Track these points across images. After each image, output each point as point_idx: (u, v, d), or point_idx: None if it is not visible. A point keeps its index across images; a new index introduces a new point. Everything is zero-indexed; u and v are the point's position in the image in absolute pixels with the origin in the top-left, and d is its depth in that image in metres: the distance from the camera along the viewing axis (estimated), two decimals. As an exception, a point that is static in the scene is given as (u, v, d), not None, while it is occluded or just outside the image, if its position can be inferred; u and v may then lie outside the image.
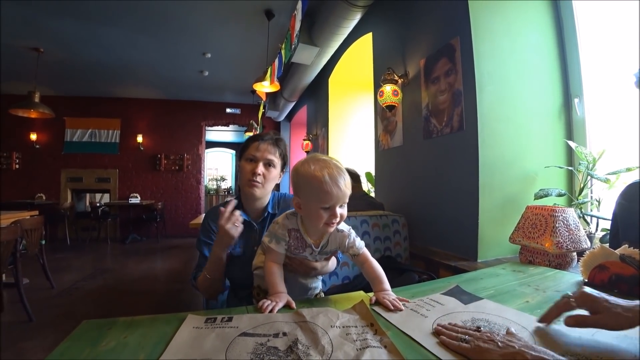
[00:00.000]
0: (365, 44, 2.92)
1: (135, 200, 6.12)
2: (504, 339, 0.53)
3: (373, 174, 2.78)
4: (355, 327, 0.63)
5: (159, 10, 3.23)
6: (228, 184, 11.01)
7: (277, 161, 1.06)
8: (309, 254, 0.85)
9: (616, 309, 0.54)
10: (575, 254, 1.18)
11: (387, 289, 0.79)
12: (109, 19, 3.41)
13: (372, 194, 2.81)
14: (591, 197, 1.52)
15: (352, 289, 0.91)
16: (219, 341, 0.58)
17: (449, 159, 1.71)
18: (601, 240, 1.34)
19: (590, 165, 1.43)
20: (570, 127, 1.65)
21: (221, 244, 0.94)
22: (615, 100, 1.52)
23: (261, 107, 5.24)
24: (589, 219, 1.47)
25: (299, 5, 2.33)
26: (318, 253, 0.85)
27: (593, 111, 1.59)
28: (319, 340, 0.57)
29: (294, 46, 2.62)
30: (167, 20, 3.43)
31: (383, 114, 2.40)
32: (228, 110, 6.82)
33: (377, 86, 2.31)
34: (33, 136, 5.92)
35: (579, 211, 1.48)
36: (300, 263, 0.86)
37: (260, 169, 1.02)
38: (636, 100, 1.30)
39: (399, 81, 2.15)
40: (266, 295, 0.79)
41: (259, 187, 1.02)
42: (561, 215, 1.15)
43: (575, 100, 1.62)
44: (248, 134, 5.31)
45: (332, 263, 0.95)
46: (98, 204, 6.16)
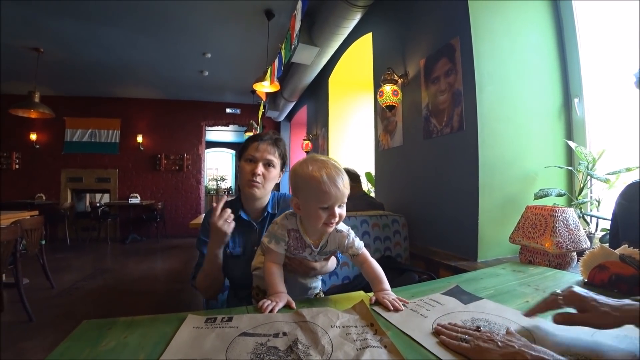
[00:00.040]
0: (365, 44, 2.92)
1: (135, 200, 6.13)
2: (504, 338, 0.53)
3: (373, 174, 2.78)
4: (355, 327, 0.63)
5: (159, 10, 3.23)
6: (228, 184, 11.01)
7: (277, 161, 1.07)
8: (308, 254, 0.85)
9: (604, 307, 0.54)
10: (575, 254, 1.18)
11: (387, 289, 0.79)
12: (109, 19, 3.42)
13: (372, 194, 2.81)
14: (591, 197, 1.52)
15: (352, 289, 0.91)
16: (219, 341, 0.58)
17: (449, 159, 1.71)
18: (601, 240, 1.34)
19: (590, 165, 1.43)
20: (570, 127, 1.65)
21: (215, 241, 0.95)
22: (615, 100, 1.52)
23: (261, 107, 5.24)
24: (588, 219, 1.47)
25: (299, 5, 2.33)
26: (317, 253, 0.85)
27: (593, 111, 1.59)
28: (319, 340, 0.57)
29: (294, 46, 2.62)
30: (167, 20, 3.43)
31: (383, 114, 2.40)
32: (228, 110, 6.82)
33: (377, 86, 2.31)
34: (33, 136, 5.92)
35: (578, 211, 1.48)
36: (299, 263, 0.86)
37: (260, 169, 1.02)
38: (636, 100, 1.30)
39: (399, 81, 2.15)
40: (265, 295, 0.79)
41: (259, 188, 1.02)
42: (561, 215, 1.15)
43: (575, 100, 1.62)
44: (248, 134, 5.30)
45: (332, 263, 0.95)
46: (98, 204, 6.15)
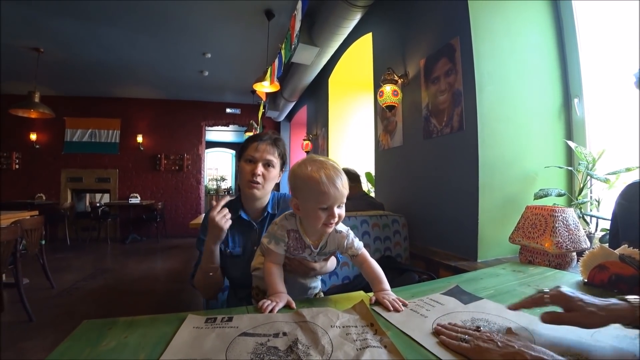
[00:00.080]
0: (365, 44, 2.92)
1: (135, 200, 6.13)
2: (504, 338, 0.53)
3: (373, 174, 2.78)
4: (355, 327, 0.63)
5: (159, 10, 3.23)
6: (228, 184, 11.01)
7: (276, 161, 1.07)
8: (307, 254, 0.85)
9: (590, 307, 0.54)
10: (575, 254, 1.18)
11: (387, 289, 0.79)
12: (109, 19, 3.42)
13: (372, 194, 2.81)
14: (591, 197, 1.52)
15: (352, 289, 0.91)
16: (219, 341, 0.58)
17: (449, 159, 1.71)
18: (601, 240, 1.34)
19: (590, 166, 1.43)
20: (570, 127, 1.65)
21: (212, 236, 0.95)
22: (615, 100, 1.52)
23: (261, 107, 5.24)
24: (588, 219, 1.47)
25: (299, 5, 2.33)
26: (317, 254, 0.85)
27: (593, 111, 1.59)
28: (319, 340, 0.58)
29: (294, 46, 2.62)
30: (167, 20, 3.43)
31: (383, 114, 2.40)
32: (228, 110, 6.82)
33: (377, 86, 2.31)
34: (33, 136, 5.92)
35: (578, 211, 1.48)
36: (299, 263, 0.86)
37: (260, 169, 1.02)
38: (636, 100, 1.30)
39: (399, 81, 2.15)
40: (265, 295, 0.79)
41: (259, 188, 1.02)
42: (561, 215, 1.15)
43: (575, 100, 1.62)
44: (248, 134, 5.30)
45: (331, 263, 0.95)
46: (98, 204, 6.15)
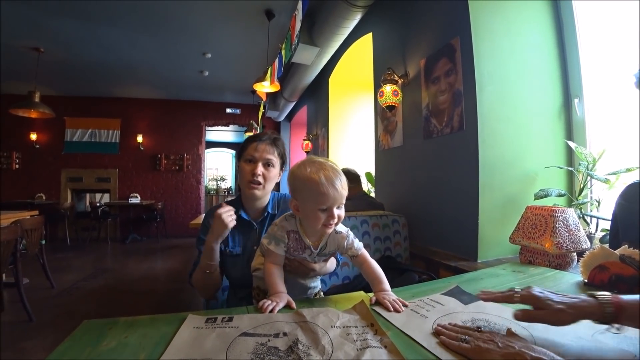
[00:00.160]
0: (365, 44, 2.92)
1: (135, 200, 6.13)
2: (504, 339, 0.53)
3: (373, 174, 2.78)
4: (356, 327, 0.63)
5: (159, 10, 3.23)
6: (228, 184, 11.01)
7: (276, 161, 1.07)
8: (307, 255, 0.85)
9: (559, 305, 0.55)
10: (575, 254, 1.18)
11: (387, 289, 0.79)
12: (109, 19, 3.42)
13: (372, 194, 2.81)
14: (591, 198, 1.52)
15: (352, 289, 0.91)
16: (220, 341, 0.58)
17: (449, 159, 1.71)
18: (601, 240, 1.34)
19: (590, 166, 1.43)
20: (570, 127, 1.65)
21: (214, 233, 0.94)
22: (615, 100, 1.52)
23: (261, 107, 5.24)
24: (588, 219, 1.47)
25: (299, 5, 2.33)
26: (317, 255, 0.85)
27: (593, 111, 1.58)
28: (319, 341, 0.58)
29: (294, 46, 2.62)
30: (167, 20, 3.43)
31: (383, 114, 2.40)
32: (228, 110, 6.82)
33: (377, 86, 2.31)
34: (33, 136, 5.92)
35: (578, 211, 1.48)
36: (299, 264, 0.86)
37: (260, 169, 1.02)
38: (636, 101, 1.30)
39: (399, 81, 2.15)
40: (266, 295, 0.79)
41: (259, 188, 1.03)
42: (561, 215, 1.15)
43: (575, 101, 1.62)
44: (248, 134, 5.30)
45: (331, 264, 0.95)
46: (98, 204, 6.15)
